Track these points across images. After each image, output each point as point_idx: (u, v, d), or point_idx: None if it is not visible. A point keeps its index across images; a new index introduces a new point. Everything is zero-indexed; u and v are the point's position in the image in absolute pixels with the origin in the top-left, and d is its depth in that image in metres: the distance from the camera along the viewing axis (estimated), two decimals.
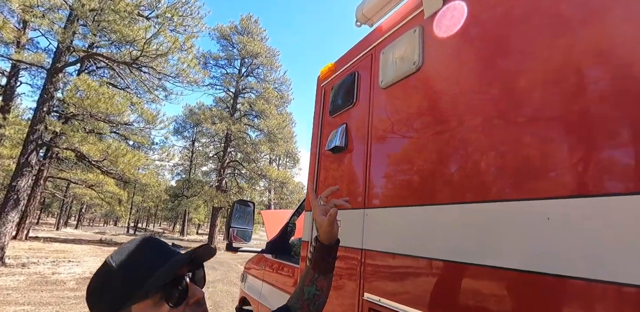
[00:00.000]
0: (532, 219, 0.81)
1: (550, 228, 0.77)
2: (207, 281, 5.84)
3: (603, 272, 0.67)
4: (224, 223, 2.69)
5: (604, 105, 0.74)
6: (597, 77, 0.77)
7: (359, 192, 1.51)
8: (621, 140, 0.70)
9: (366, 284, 1.35)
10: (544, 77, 0.87)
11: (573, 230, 0.73)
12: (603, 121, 0.73)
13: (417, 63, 1.32)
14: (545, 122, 0.84)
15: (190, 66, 14.96)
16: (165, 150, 20.26)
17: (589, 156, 0.75)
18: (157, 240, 0.80)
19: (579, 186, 0.75)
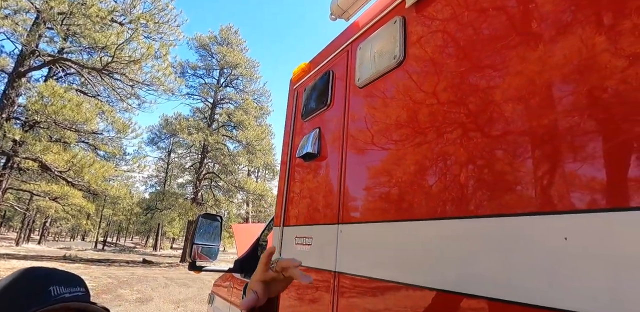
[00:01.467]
0: (548, 238, 0.64)
1: (565, 250, 0.60)
2: (179, 299, 5.50)
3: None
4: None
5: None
6: (604, 73, 0.62)
7: (333, 205, 1.31)
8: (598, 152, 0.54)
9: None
10: (543, 73, 0.71)
11: (572, 252, 0.56)
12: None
13: (397, 57, 1.15)
14: (543, 124, 0.68)
15: (165, 74, 14.60)
16: (136, 161, 19.44)
17: (582, 168, 0.59)
18: (49, 275, 0.62)
19: (574, 200, 0.58)
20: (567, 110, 0.67)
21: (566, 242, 0.61)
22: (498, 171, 0.77)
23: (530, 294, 0.64)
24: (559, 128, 0.66)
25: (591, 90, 0.64)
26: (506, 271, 0.69)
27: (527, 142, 0.73)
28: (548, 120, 0.69)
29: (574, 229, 0.61)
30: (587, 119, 0.63)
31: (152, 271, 16.94)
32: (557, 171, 0.66)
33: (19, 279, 0.60)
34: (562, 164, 0.66)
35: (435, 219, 0.88)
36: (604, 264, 0.55)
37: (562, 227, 0.62)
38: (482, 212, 0.77)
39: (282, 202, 1.70)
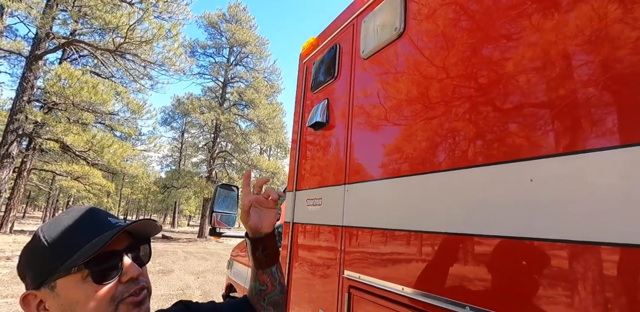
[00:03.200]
0: (516, 182, 0.76)
1: (534, 189, 0.72)
2: (198, 271, 5.89)
3: (591, 233, 0.62)
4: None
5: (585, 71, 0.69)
6: (596, 31, 0.71)
7: (340, 168, 1.45)
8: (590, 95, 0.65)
9: (346, 262, 1.31)
10: (539, 40, 0.81)
11: (557, 190, 0.68)
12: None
13: (398, 29, 1.24)
14: (538, 89, 0.79)
15: (176, 54, 14.64)
16: (152, 141, 19.91)
17: (570, 112, 0.69)
18: (96, 211, 0.73)
19: (562, 143, 0.70)
20: (575, 80, 0.77)
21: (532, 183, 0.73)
22: (486, 123, 0.88)
23: (523, 229, 0.78)
24: (575, 100, 0.70)
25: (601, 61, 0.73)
26: (489, 211, 0.83)
27: (518, 102, 0.83)
28: (563, 90, 0.77)
29: (539, 173, 0.73)
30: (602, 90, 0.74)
31: (171, 245, 17.76)
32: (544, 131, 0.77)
33: (81, 215, 0.70)
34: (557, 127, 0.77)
35: (429, 173, 1.01)
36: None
37: (528, 170, 0.74)
38: (472, 163, 0.90)
39: (294, 168, 1.85)
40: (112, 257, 0.66)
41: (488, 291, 0.78)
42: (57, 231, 0.66)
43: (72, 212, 0.71)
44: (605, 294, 0.60)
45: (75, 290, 0.63)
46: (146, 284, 0.71)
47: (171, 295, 6.94)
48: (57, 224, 0.68)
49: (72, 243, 0.65)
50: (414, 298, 0.96)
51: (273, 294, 0.94)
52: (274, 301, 0.95)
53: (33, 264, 0.67)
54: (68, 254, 0.63)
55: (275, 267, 0.95)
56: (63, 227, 0.67)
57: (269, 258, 0.93)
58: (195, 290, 7.56)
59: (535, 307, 0.69)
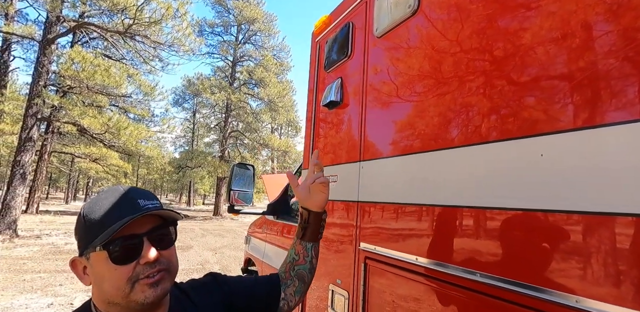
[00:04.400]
0: (527, 157, 0.80)
1: (545, 165, 0.76)
2: (215, 247, 6.15)
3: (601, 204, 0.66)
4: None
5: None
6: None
7: (355, 146, 1.49)
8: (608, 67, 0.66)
9: (362, 235, 1.38)
10: (553, 16, 0.81)
11: (568, 165, 0.72)
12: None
13: (412, 6, 1.24)
14: (552, 65, 0.80)
15: (185, 34, 14.46)
16: (165, 122, 20.15)
17: (585, 88, 0.71)
18: (131, 191, 0.77)
19: (574, 119, 0.72)
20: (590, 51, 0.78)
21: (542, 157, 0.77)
22: (499, 100, 0.90)
23: (527, 202, 0.82)
24: (591, 74, 0.71)
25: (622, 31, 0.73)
26: (500, 185, 0.87)
27: (531, 78, 0.85)
28: (580, 64, 0.78)
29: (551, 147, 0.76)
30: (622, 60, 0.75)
31: (188, 223, 18.41)
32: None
33: (116, 195, 0.75)
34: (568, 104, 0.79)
35: (442, 149, 1.04)
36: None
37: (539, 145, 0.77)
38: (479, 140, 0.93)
39: (309, 147, 1.90)
40: (131, 240, 0.71)
41: (498, 259, 0.84)
42: (92, 210, 0.73)
43: (109, 192, 0.77)
44: (615, 264, 0.64)
45: (101, 266, 0.70)
46: (165, 266, 0.74)
47: (191, 270, 7.30)
48: (95, 203, 0.74)
49: (101, 223, 0.70)
50: (427, 267, 1.03)
51: (302, 267, 1.04)
52: (301, 274, 1.05)
53: (77, 235, 0.76)
54: (96, 233, 0.70)
55: (311, 245, 1.07)
56: (98, 206, 0.73)
57: (308, 233, 1.06)
58: (213, 265, 7.92)
59: (543, 275, 0.74)
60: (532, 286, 0.75)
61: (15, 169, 11.00)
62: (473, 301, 0.89)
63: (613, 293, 0.62)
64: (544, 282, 0.73)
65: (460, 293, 0.92)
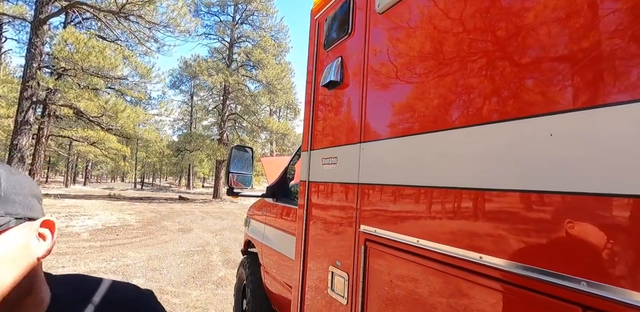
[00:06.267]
0: (533, 137, 0.77)
1: (553, 145, 0.73)
2: (216, 229, 6.24)
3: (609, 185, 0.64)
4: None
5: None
6: None
7: (355, 127, 1.46)
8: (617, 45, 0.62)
9: (362, 217, 1.37)
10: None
11: (577, 145, 0.69)
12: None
13: None
14: (557, 42, 0.75)
15: (180, 14, 14.09)
16: (163, 105, 19.94)
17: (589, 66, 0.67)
18: None
19: (580, 98, 0.69)
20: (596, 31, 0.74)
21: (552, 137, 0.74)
22: (505, 78, 0.86)
23: (529, 182, 0.80)
24: (598, 53, 0.68)
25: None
26: (504, 166, 0.84)
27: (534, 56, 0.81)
28: (586, 42, 0.74)
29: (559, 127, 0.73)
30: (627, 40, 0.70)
31: (188, 206, 18.58)
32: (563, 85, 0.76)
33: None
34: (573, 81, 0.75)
35: (445, 130, 1.01)
36: None
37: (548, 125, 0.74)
38: (485, 120, 0.89)
39: (309, 128, 1.86)
40: None
41: (502, 241, 0.83)
42: None
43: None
44: (620, 245, 0.63)
45: None
46: None
47: (192, 251, 7.41)
48: None
49: None
50: (429, 249, 1.02)
51: None
52: None
53: None
54: None
55: None
56: None
57: None
58: (214, 246, 8.04)
59: (550, 257, 0.73)
60: (537, 268, 0.73)
61: (13, 153, 10.97)
62: (475, 283, 0.89)
63: (617, 274, 0.61)
64: (548, 265, 0.72)
65: (462, 275, 0.92)
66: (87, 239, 8.21)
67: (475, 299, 0.88)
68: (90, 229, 9.60)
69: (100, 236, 8.77)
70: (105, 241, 8.19)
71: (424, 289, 1.05)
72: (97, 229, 9.59)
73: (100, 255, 6.77)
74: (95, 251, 7.12)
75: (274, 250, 2.82)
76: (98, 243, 7.89)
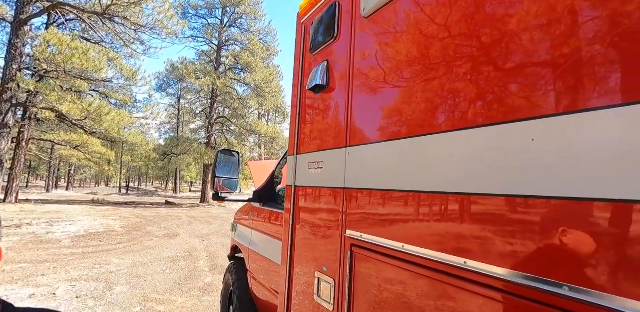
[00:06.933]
0: (516, 142, 0.77)
1: (535, 149, 0.73)
2: (203, 234, 6.12)
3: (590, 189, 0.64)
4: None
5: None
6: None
7: (341, 131, 1.45)
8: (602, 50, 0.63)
9: (348, 222, 1.35)
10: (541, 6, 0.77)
11: (558, 149, 0.69)
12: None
13: None
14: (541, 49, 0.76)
15: (167, 17, 13.97)
16: (149, 108, 19.64)
17: (570, 71, 0.68)
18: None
19: (562, 103, 0.69)
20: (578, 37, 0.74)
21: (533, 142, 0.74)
22: (488, 83, 0.87)
23: (518, 187, 0.80)
24: (579, 58, 0.68)
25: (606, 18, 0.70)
26: (489, 170, 0.84)
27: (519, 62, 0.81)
28: (567, 48, 0.75)
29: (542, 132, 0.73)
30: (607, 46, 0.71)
31: (175, 211, 18.28)
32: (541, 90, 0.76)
33: None
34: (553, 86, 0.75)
35: (430, 134, 1.01)
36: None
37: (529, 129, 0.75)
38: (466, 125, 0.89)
39: (295, 132, 1.85)
40: None
41: (486, 246, 0.82)
42: None
43: None
44: (604, 249, 0.63)
45: None
46: None
47: (178, 257, 7.28)
48: None
49: None
50: (414, 254, 1.01)
51: None
52: None
53: None
54: None
55: None
56: None
57: None
58: (201, 252, 7.91)
59: (533, 261, 0.73)
60: (522, 273, 0.73)
61: None
62: (461, 288, 0.88)
63: (599, 279, 0.61)
64: (532, 270, 0.71)
65: (448, 281, 0.91)
66: (68, 246, 7.98)
67: (461, 304, 0.88)
68: (72, 235, 9.33)
69: (83, 242, 8.53)
70: (88, 247, 7.97)
71: (410, 295, 1.04)
72: (80, 236, 9.33)
73: (82, 262, 6.58)
74: (77, 258, 6.92)
75: (260, 255, 2.78)
76: (80, 250, 7.67)
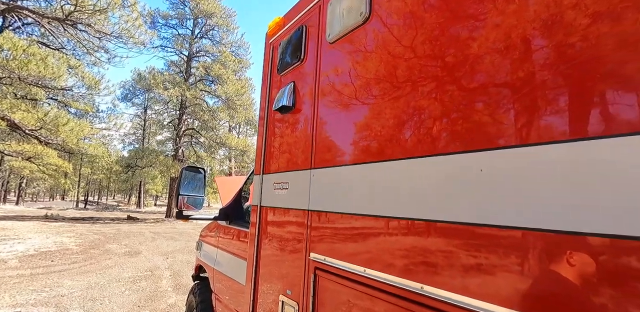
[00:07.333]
0: (468, 171, 0.81)
1: (483, 179, 0.77)
2: (167, 252, 5.83)
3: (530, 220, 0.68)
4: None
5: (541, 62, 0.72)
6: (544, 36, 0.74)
7: (306, 153, 1.46)
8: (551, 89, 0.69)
9: (312, 245, 1.35)
10: (499, 35, 0.83)
11: (504, 180, 0.73)
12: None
13: (364, 14, 1.23)
14: (498, 80, 0.81)
15: (135, 26, 13.64)
16: (112, 119, 18.83)
17: (525, 105, 0.73)
18: None
19: (512, 136, 0.74)
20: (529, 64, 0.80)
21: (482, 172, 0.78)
22: (443, 115, 0.91)
23: (470, 215, 0.83)
24: (533, 82, 0.73)
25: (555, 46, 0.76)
26: (443, 197, 0.87)
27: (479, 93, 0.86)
28: (522, 73, 0.80)
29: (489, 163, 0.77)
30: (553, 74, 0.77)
31: (138, 226, 17.38)
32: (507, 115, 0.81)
33: None
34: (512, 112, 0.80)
35: (389, 160, 1.04)
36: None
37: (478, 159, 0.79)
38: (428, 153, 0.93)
39: (261, 152, 1.84)
40: None
41: (441, 271, 0.85)
42: None
43: None
44: (542, 278, 0.66)
45: None
46: None
47: (139, 277, 6.88)
48: None
49: None
50: (374, 279, 1.02)
51: None
52: None
53: None
54: None
55: None
56: None
57: None
58: (164, 270, 7.53)
59: (487, 288, 0.75)
60: (479, 301, 0.76)
61: None
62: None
63: (548, 305, 0.64)
64: (483, 296, 0.74)
65: (406, 306, 0.92)
66: (15, 267, 7.34)
67: None
68: (20, 255, 8.60)
69: (32, 262, 7.88)
70: (38, 268, 7.37)
71: None
72: (29, 255, 8.61)
73: (30, 285, 6.06)
74: (24, 280, 6.37)
75: (225, 276, 2.69)
76: (28, 271, 7.07)
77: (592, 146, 0.61)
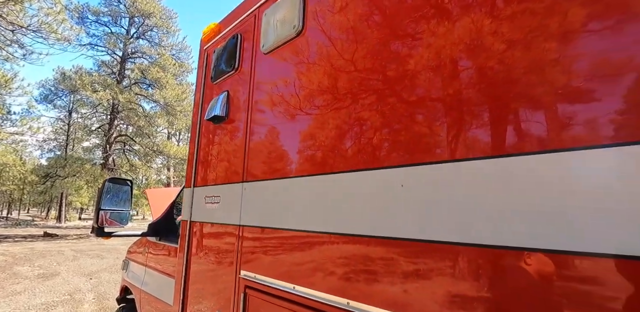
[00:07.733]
0: (390, 186, 0.82)
1: (404, 194, 0.79)
2: (91, 272, 5.24)
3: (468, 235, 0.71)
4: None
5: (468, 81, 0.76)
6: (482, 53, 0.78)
7: (238, 165, 1.40)
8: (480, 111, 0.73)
9: (243, 262, 1.29)
10: (430, 59, 0.86)
11: (423, 195, 0.76)
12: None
13: (297, 27, 1.23)
14: (433, 94, 0.84)
15: (57, 20, 12.41)
16: (26, 122, 16.75)
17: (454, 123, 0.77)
18: None
19: (431, 152, 0.77)
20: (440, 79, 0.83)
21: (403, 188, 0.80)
22: (361, 131, 0.93)
23: (404, 230, 0.84)
24: (461, 96, 0.76)
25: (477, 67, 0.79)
26: (368, 212, 0.88)
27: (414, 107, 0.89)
28: (452, 89, 0.83)
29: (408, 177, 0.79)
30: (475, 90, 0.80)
31: (57, 244, 15.50)
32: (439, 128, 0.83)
33: None
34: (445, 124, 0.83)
35: (318, 174, 1.03)
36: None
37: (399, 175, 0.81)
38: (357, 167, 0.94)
39: (193, 163, 1.74)
40: None
41: (366, 287, 0.85)
42: None
43: None
44: (466, 288, 0.69)
45: None
46: None
47: (55, 302, 6.09)
48: None
49: None
50: (302, 296, 0.99)
51: None
52: None
53: None
54: None
55: None
56: None
57: None
58: (86, 293, 6.76)
59: (410, 303, 0.76)
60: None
61: None
62: None
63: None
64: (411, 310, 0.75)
65: None
66: None
67: None
68: None
69: None
70: None
71: None
72: None
73: None
74: None
75: (154, 296, 2.48)
76: None
77: (505, 162, 0.66)
